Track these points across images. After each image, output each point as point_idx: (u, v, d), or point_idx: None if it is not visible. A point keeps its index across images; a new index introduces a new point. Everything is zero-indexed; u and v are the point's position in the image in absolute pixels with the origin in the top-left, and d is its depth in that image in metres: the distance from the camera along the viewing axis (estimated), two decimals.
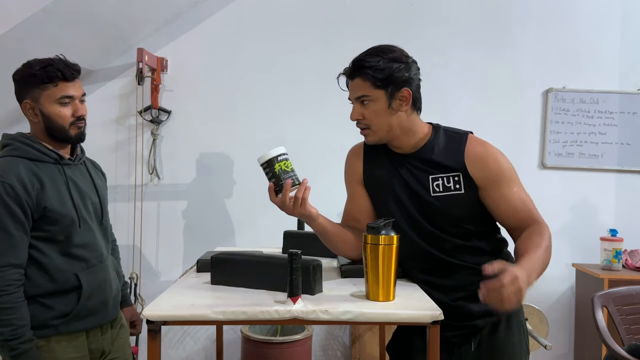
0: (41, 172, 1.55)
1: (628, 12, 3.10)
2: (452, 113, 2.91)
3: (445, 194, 1.47)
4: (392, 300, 1.30)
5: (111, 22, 2.66)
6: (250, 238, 3.01)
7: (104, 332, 1.68)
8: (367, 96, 1.45)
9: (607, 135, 3.09)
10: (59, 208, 1.55)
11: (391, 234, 1.30)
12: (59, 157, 1.61)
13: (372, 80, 1.43)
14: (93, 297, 1.60)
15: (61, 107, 1.57)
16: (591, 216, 3.11)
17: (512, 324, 1.54)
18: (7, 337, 1.45)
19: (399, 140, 1.51)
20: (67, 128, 1.59)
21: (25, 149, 1.57)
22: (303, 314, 1.21)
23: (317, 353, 3.05)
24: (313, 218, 1.44)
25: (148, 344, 1.20)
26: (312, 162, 2.82)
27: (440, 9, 3.09)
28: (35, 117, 1.59)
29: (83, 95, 1.64)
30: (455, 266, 1.49)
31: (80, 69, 1.63)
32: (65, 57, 1.61)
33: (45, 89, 1.56)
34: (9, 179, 1.48)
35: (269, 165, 1.37)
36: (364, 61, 1.44)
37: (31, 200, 1.50)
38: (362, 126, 1.50)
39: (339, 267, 1.64)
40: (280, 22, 3.07)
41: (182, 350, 3.02)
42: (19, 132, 1.63)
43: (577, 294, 3.07)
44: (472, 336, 1.52)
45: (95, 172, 1.79)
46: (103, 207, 1.73)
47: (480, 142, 1.51)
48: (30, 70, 1.56)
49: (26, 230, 1.51)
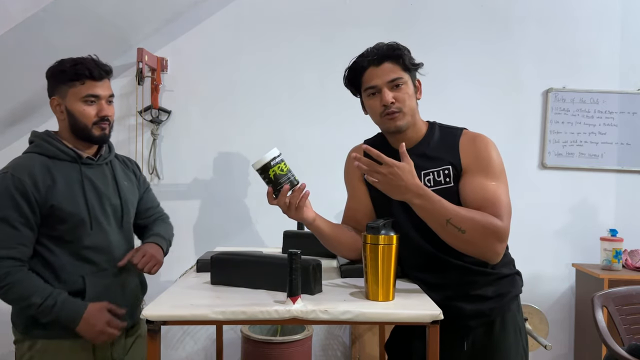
0: (56, 169, 1.56)
1: (628, 12, 3.10)
2: (452, 113, 2.88)
3: (436, 188, 1.46)
4: (392, 300, 1.30)
5: (111, 22, 2.66)
6: (250, 238, 3.01)
7: (116, 340, 1.64)
8: (401, 78, 1.49)
9: (607, 135, 3.09)
10: (68, 206, 1.54)
11: (391, 233, 1.30)
12: (77, 155, 1.61)
13: (402, 64, 1.49)
14: (102, 299, 1.58)
15: (86, 105, 1.58)
16: (591, 216, 3.11)
17: (508, 324, 1.53)
18: (35, 310, 1.49)
19: (409, 130, 1.53)
20: (90, 127, 1.59)
21: (45, 146, 1.59)
22: (303, 313, 1.21)
23: (317, 353, 3.05)
24: (309, 222, 1.44)
25: (148, 344, 1.20)
26: (312, 162, 2.81)
27: (440, 9, 3.09)
28: (61, 114, 1.61)
29: (111, 97, 1.64)
30: (452, 265, 1.48)
31: (112, 70, 1.64)
32: (97, 57, 1.62)
33: (73, 87, 1.57)
34: (19, 174, 1.50)
35: (263, 171, 1.37)
36: (393, 46, 1.50)
37: (40, 196, 1.50)
38: (394, 109, 1.48)
39: (338, 267, 1.64)
40: (280, 22, 3.07)
41: (182, 350, 3.02)
42: (45, 130, 1.65)
43: (577, 294, 3.07)
44: (465, 336, 1.51)
45: (124, 173, 1.76)
46: (124, 209, 1.69)
47: (476, 133, 1.53)
48: (60, 67, 1.58)
49: (32, 226, 1.51)
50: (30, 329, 1.57)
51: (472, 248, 1.38)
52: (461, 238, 1.35)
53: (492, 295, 1.50)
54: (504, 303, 1.52)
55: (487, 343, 1.51)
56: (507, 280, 1.54)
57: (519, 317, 1.57)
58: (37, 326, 1.55)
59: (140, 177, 1.85)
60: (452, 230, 1.35)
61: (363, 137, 1.70)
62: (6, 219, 1.47)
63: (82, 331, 1.53)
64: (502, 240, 1.38)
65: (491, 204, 1.40)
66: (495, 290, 1.51)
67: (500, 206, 1.40)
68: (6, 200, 1.48)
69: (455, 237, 1.36)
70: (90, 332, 1.53)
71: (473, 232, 1.34)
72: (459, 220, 1.34)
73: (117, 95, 3.04)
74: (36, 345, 1.57)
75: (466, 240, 1.35)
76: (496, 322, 1.52)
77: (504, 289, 1.53)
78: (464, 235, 1.34)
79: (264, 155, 1.37)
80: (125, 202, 1.70)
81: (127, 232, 1.72)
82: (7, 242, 1.47)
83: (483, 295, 1.49)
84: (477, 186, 1.43)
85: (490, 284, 1.51)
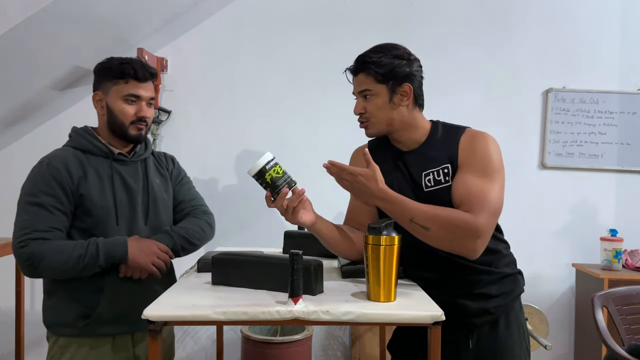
0: (89, 163, 1.61)
1: (628, 12, 3.10)
2: (452, 113, 2.87)
3: (437, 188, 1.49)
4: (394, 300, 1.30)
5: (111, 22, 2.66)
6: (251, 238, 3.00)
7: (139, 340, 1.66)
8: (370, 90, 1.51)
9: (607, 135, 3.09)
10: (96, 198, 1.58)
11: (392, 234, 1.30)
12: (109, 151, 1.65)
13: (374, 75, 1.49)
14: (121, 301, 1.59)
15: (126, 104, 1.62)
16: (591, 216, 3.11)
17: (512, 323, 1.55)
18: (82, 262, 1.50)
19: (400, 134, 1.55)
20: (127, 126, 1.63)
21: (80, 140, 1.64)
22: (304, 314, 1.21)
23: (317, 353, 3.05)
24: (309, 225, 1.45)
25: (149, 344, 1.20)
26: (312, 162, 2.80)
27: (440, 9, 3.09)
28: (101, 109, 1.65)
29: (151, 99, 1.67)
30: (456, 264, 1.49)
31: (157, 73, 1.67)
32: (145, 61, 1.67)
33: (116, 84, 1.61)
34: (55, 163, 1.56)
35: (259, 176, 1.38)
36: (367, 57, 1.50)
37: (73, 185, 1.56)
38: (362, 119, 1.55)
39: (339, 267, 1.64)
40: (280, 22, 3.07)
41: (182, 350, 3.02)
42: (84, 126, 1.69)
43: (577, 294, 3.07)
44: (470, 334, 1.53)
45: (157, 170, 1.77)
46: (150, 206, 1.70)
47: (478, 132, 1.53)
48: (108, 64, 1.63)
49: (66, 212, 1.55)
50: (53, 325, 1.61)
51: (443, 244, 1.40)
52: (427, 235, 1.38)
53: (496, 293, 1.53)
54: (508, 301, 1.55)
55: (492, 341, 1.53)
56: (510, 279, 1.57)
57: (521, 315, 1.60)
58: (60, 325, 1.59)
59: (173, 171, 1.84)
60: (417, 229, 1.38)
61: (363, 137, 1.70)
62: (42, 204, 1.51)
63: (135, 255, 1.55)
64: (474, 235, 1.36)
65: (471, 200, 1.40)
66: (498, 288, 1.53)
67: (479, 202, 1.39)
68: (43, 186, 1.53)
69: (422, 234, 1.39)
70: (141, 259, 1.56)
71: (437, 228, 1.36)
72: (421, 218, 1.37)
73: None
74: (59, 341, 1.60)
75: (432, 237, 1.38)
76: (500, 320, 1.54)
77: (507, 288, 1.55)
78: (429, 233, 1.37)
79: (257, 161, 1.38)
80: (153, 200, 1.70)
81: (154, 230, 1.70)
82: (42, 225, 1.50)
83: (487, 294, 1.52)
84: (464, 183, 1.44)
85: (494, 282, 1.53)
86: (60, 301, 1.59)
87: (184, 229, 1.72)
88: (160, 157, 1.83)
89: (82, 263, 1.49)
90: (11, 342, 2.57)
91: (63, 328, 1.59)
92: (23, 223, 1.51)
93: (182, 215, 1.80)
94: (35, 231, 1.49)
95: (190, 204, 1.83)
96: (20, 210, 1.53)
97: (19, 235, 1.49)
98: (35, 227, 1.49)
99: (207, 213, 1.85)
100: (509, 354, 1.54)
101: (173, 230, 1.70)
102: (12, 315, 2.54)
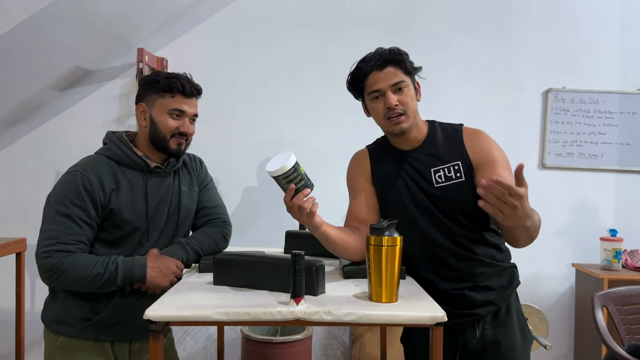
0: (123, 176, 1.59)
1: (628, 12, 3.11)
2: (452, 113, 2.89)
3: (448, 184, 1.55)
4: (396, 301, 1.30)
5: (111, 22, 2.66)
6: (251, 238, 3.00)
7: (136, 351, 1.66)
8: (404, 82, 1.54)
9: (607, 135, 3.10)
10: (127, 214, 1.57)
11: (394, 235, 1.30)
12: (145, 165, 1.63)
13: (404, 68, 1.54)
14: (126, 307, 1.59)
15: (170, 118, 1.61)
16: (591, 216, 3.12)
17: (512, 312, 1.62)
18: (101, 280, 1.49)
19: (410, 132, 1.58)
20: (168, 139, 1.62)
21: (116, 151, 1.62)
22: (306, 315, 1.20)
23: (317, 353, 3.05)
24: (317, 227, 1.45)
25: (150, 344, 1.20)
26: (312, 162, 2.80)
27: (440, 9, 3.09)
28: (144, 121, 1.63)
29: (195, 116, 1.67)
30: (464, 257, 1.56)
31: (202, 90, 1.67)
32: (191, 77, 1.66)
33: (162, 97, 1.60)
34: (88, 174, 1.54)
35: (295, 170, 1.36)
36: (395, 51, 1.55)
37: (104, 199, 1.54)
38: (398, 111, 1.54)
39: (341, 267, 1.64)
40: (280, 22, 3.07)
41: (182, 350, 3.02)
42: (120, 134, 1.66)
43: (577, 294, 3.08)
44: (476, 323, 1.58)
45: (185, 175, 1.76)
46: (179, 219, 1.70)
47: (475, 129, 1.62)
48: (156, 77, 1.62)
49: (93, 225, 1.54)
50: (53, 322, 1.61)
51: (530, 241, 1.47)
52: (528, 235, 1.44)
53: (497, 285, 1.59)
54: (508, 292, 1.61)
55: (495, 328, 1.59)
56: (509, 271, 1.64)
57: (518, 305, 1.67)
58: (61, 323, 1.59)
59: (200, 174, 1.83)
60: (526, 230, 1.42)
61: (363, 137, 1.71)
62: (71, 215, 1.50)
63: (154, 277, 1.54)
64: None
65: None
66: (499, 280, 1.60)
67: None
68: (74, 197, 1.51)
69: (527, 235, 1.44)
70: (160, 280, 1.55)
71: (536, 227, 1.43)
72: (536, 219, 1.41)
73: (117, 95, 3.05)
74: (58, 340, 1.60)
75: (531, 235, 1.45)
76: (501, 310, 1.60)
77: (507, 280, 1.62)
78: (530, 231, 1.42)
79: (289, 158, 1.36)
80: (183, 217, 1.71)
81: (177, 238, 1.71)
82: (67, 237, 1.49)
83: (490, 286, 1.58)
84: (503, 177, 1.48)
85: (497, 274, 1.60)
86: (64, 300, 1.59)
87: (198, 242, 1.70)
88: (189, 160, 1.81)
89: (100, 281, 1.49)
90: (11, 342, 2.57)
91: (63, 326, 1.59)
92: (50, 233, 1.49)
93: (202, 221, 1.79)
94: (60, 243, 1.48)
95: (212, 212, 1.81)
96: (48, 218, 1.52)
97: (45, 244, 1.48)
98: (61, 239, 1.48)
99: (227, 223, 1.83)
100: (513, 340, 1.59)
101: (188, 244, 1.68)
102: (12, 315, 2.53)
